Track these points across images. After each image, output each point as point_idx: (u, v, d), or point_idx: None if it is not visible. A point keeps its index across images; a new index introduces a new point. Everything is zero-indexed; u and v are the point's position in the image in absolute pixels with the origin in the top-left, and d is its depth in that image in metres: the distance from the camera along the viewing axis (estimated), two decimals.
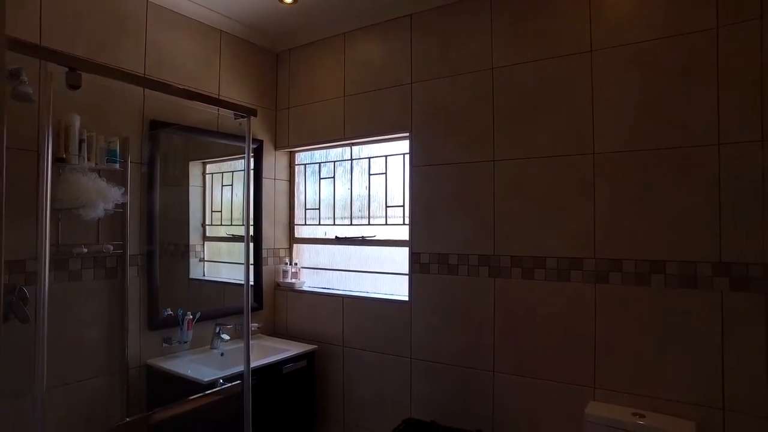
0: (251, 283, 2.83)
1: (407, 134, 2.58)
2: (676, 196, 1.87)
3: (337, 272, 3.00)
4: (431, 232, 2.48)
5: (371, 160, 2.88)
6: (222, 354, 2.54)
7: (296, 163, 3.24)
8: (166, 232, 2.50)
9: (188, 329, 2.43)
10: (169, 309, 2.44)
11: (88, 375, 2.13)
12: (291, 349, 2.65)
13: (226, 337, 2.60)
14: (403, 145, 2.67)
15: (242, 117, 1.78)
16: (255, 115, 1.85)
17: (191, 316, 2.44)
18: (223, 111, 2.26)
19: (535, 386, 2.16)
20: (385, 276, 2.79)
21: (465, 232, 2.36)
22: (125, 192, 2.17)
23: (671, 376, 1.87)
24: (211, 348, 2.58)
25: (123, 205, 2.18)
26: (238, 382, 1.91)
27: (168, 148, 2.51)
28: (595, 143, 2.03)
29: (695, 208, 1.83)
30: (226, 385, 1.91)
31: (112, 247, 2.15)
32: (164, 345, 2.40)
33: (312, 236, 3.14)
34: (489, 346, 2.28)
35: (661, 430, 1.77)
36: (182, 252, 2.70)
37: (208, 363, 2.42)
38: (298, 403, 2.61)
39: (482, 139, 2.32)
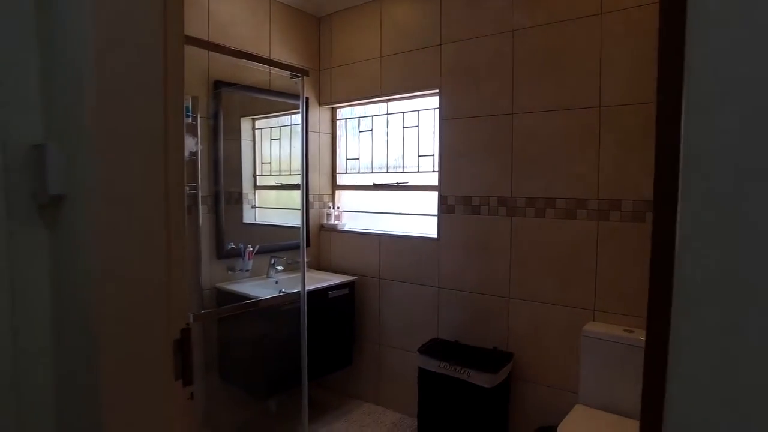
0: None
1: (437, 90, 2.88)
2: None
3: (375, 215, 3.40)
4: (457, 177, 2.81)
5: (405, 114, 3.20)
6: (276, 282, 3.00)
7: (338, 118, 3.59)
8: (226, 178, 2.92)
9: (249, 259, 2.89)
10: (232, 243, 2.89)
11: None
12: (334, 279, 3.09)
13: (280, 267, 3.05)
14: (434, 101, 2.97)
15: (297, 76, 2.13)
16: (308, 75, 2.20)
17: (251, 249, 2.89)
18: (276, 72, 2.60)
19: (543, 310, 2.52)
20: (416, 218, 3.16)
21: (486, 177, 2.69)
22: (197, 142, 2.59)
23: None
24: (267, 277, 3.04)
25: (195, 153, 2.61)
26: (297, 291, 2.34)
27: (228, 105, 2.90)
28: (602, 97, 2.29)
29: None
30: (287, 292, 2.37)
31: (188, 188, 2.59)
32: (229, 272, 2.87)
33: (352, 183, 3.53)
34: (505, 275, 2.64)
35: (643, 340, 2.11)
36: (236, 198, 3.13)
37: (266, 287, 2.88)
38: (341, 324, 3.07)
39: (503, 93, 2.60)
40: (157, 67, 0.89)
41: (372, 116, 3.39)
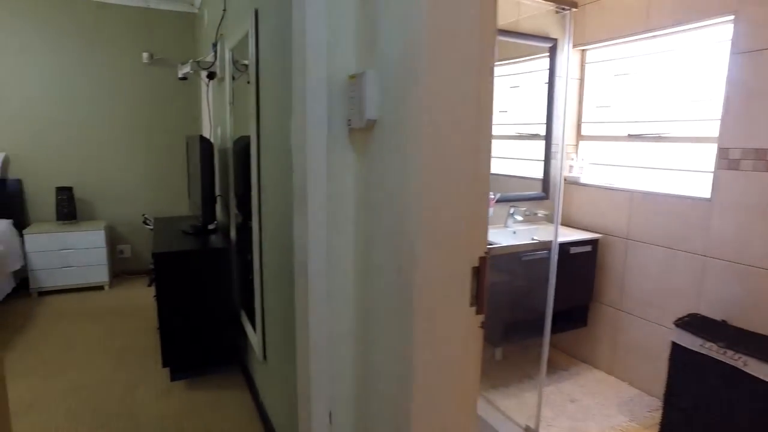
0: (540, 177, 3.16)
1: (731, 17, 2.35)
2: None
3: (622, 168, 3.04)
4: (749, 126, 2.29)
5: (668, 53, 2.72)
6: (514, 232, 2.94)
7: (587, 61, 3.25)
8: None
9: (489, 207, 2.88)
10: None
11: None
12: (576, 234, 2.90)
13: (519, 218, 2.98)
14: (716, 31, 2.44)
15: (565, 9, 1.96)
16: (576, 7, 2.00)
17: (492, 196, 2.87)
18: (534, 7, 2.42)
19: None
20: (672, 175, 2.72)
21: None
22: None
23: None
24: (505, 226, 3.00)
25: None
26: (550, 239, 2.26)
27: None
28: None
29: None
30: (539, 240, 2.31)
31: None
32: None
33: (600, 134, 3.20)
34: None
35: None
36: None
37: (503, 235, 2.85)
38: (579, 282, 2.90)
39: None
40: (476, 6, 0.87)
41: (628, 57, 2.97)
